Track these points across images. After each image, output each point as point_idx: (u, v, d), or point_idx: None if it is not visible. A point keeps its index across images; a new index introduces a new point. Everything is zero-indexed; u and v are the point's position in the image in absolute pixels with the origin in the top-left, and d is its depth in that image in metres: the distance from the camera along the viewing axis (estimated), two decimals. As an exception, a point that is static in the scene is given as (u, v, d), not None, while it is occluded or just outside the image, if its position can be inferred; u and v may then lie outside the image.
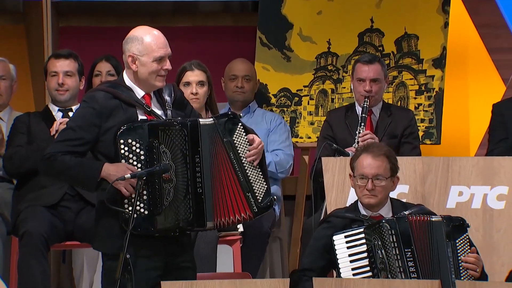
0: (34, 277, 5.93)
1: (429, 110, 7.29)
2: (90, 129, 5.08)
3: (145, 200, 5.05)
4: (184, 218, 5.07)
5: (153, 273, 5.10)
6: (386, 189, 5.43)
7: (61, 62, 6.27)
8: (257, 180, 5.18)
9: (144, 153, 5.06)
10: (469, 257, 5.26)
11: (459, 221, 5.32)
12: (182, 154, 5.07)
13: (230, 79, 7.03)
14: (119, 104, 5.12)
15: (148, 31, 5.18)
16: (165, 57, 5.15)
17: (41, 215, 6.04)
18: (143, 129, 5.05)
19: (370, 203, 5.42)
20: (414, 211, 5.42)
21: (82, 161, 5.08)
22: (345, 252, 5.35)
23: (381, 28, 7.45)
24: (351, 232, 5.35)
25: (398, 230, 5.28)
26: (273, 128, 6.92)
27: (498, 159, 5.85)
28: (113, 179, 4.99)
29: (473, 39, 7.75)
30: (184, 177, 5.07)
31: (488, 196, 5.79)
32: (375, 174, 5.39)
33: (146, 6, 7.96)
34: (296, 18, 7.54)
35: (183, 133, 5.06)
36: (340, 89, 7.44)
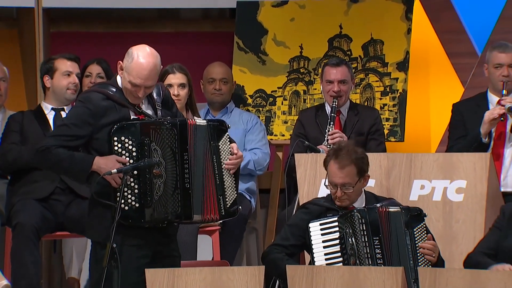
0: (26, 265, 5.91)
1: (393, 110, 7.30)
2: (83, 126, 5.09)
3: (136, 193, 5.05)
4: (173, 211, 5.07)
5: (142, 261, 5.09)
6: (356, 192, 5.42)
7: (73, 64, 6.24)
8: (230, 187, 5.19)
9: (136, 150, 5.06)
10: (426, 244, 5.27)
11: (416, 211, 5.33)
12: (171, 152, 5.07)
13: (208, 81, 7.03)
14: (112, 104, 5.12)
15: (143, 56, 5.14)
16: (141, 87, 5.11)
17: (33, 208, 6.02)
18: (135, 128, 5.06)
19: (342, 206, 5.43)
20: (384, 203, 5.42)
21: (74, 154, 5.08)
22: (319, 238, 5.36)
23: (349, 34, 7.45)
24: (325, 220, 5.37)
25: (368, 220, 5.30)
26: (250, 128, 6.92)
27: (457, 155, 5.85)
28: (104, 171, 4.99)
29: (434, 44, 7.76)
30: (173, 173, 5.07)
31: (448, 189, 5.79)
32: (342, 183, 5.37)
33: (132, 13, 7.94)
34: (270, 24, 7.54)
35: (173, 132, 5.06)
36: (311, 90, 7.44)
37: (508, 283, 4.78)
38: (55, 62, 6.23)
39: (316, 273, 5.06)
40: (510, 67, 6.25)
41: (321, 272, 5.06)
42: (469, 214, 5.72)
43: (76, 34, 7.96)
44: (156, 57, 5.15)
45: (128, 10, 7.92)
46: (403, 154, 5.92)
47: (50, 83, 6.22)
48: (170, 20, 8.11)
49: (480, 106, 6.28)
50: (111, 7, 7.87)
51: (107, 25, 8.00)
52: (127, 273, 5.02)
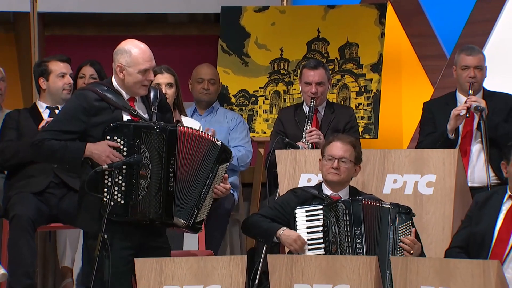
0: (22, 255, 5.89)
1: (367, 109, 7.31)
2: (76, 122, 5.06)
3: (123, 190, 5.03)
4: (154, 211, 5.05)
5: (126, 252, 5.07)
6: (349, 172, 5.49)
7: (66, 65, 6.21)
8: (206, 207, 5.17)
9: (126, 150, 5.04)
10: (406, 239, 5.30)
11: (405, 209, 5.37)
12: (158, 155, 5.05)
13: (197, 81, 7.02)
14: (106, 105, 5.08)
15: (136, 45, 5.15)
16: (149, 69, 5.12)
17: (29, 201, 6.00)
18: (128, 129, 5.04)
19: (333, 180, 5.47)
20: (366, 197, 5.46)
21: (67, 143, 5.05)
22: (304, 224, 5.39)
23: (327, 38, 7.46)
24: (311, 208, 5.40)
25: (352, 211, 5.33)
26: (234, 126, 6.92)
27: (427, 151, 5.86)
28: (96, 157, 4.98)
29: (406, 47, 7.78)
30: (158, 176, 5.05)
31: (418, 183, 5.80)
32: (341, 156, 5.47)
33: (122, 17, 7.93)
34: (252, 28, 7.54)
35: (162, 137, 5.04)
36: (291, 90, 7.44)
37: (475, 271, 4.80)
38: (49, 65, 6.21)
39: (295, 262, 5.07)
40: (476, 69, 6.26)
41: (300, 261, 5.07)
42: (438, 207, 5.73)
43: (69, 37, 7.94)
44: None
45: (119, 15, 7.92)
46: (377, 150, 5.93)
47: (46, 84, 6.20)
48: (158, 24, 8.10)
49: (449, 105, 6.29)
50: (103, 11, 7.85)
51: (99, 28, 7.99)
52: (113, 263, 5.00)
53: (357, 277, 4.99)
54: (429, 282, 4.86)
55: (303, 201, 5.45)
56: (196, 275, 5.06)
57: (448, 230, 5.65)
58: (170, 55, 7.74)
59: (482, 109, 6.13)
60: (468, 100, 6.17)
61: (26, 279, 5.90)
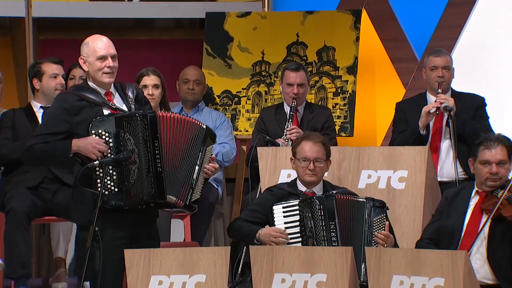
0: (18, 246, 5.88)
1: (344, 109, 7.31)
2: (60, 123, 5.05)
3: (115, 179, 5.01)
4: (147, 192, 5.02)
5: (119, 241, 5.05)
6: (323, 170, 5.49)
7: (59, 66, 6.20)
8: (199, 187, 5.15)
9: (112, 141, 5.02)
10: (380, 234, 5.30)
11: (380, 203, 5.37)
12: (143, 140, 5.02)
13: (183, 82, 7.02)
14: (86, 103, 5.08)
15: (95, 37, 5.20)
16: (107, 56, 5.11)
17: (24, 195, 5.99)
18: (110, 121, 5.02)
19: (312, 181, 5.46)
20: (340, 191, 5.45)
21: (54, 143, 5.04)
22: (281, 219, 5.37)
23: (305, 42, 7.46)
24: (288, 204, 5.38)
25: (326, 206, 5.31)
26: (219, 125, 6.91)
27: (400, 148, 5.87)
28: (83, 150, 4.97)
29: (379, 50, 7.78)
30: (146, 159, 5.02)
31: (391, 178, 5.80)
32: (316, 157, 5.44)
33: (112, 22, 7.91)
34: (235, 33, 7.53)
35: (144, 122, 5.02)
36: (272, 91, 7.44)
37: (444, 261, 4.80)
38: (42, 66, 6.19)
39: (275, 252, 5.06)
40: (444, 69, 6.29)
41: (280, 252, 5.06)
42: (410, 200, 5.73)
43: (62, 41, 7.91)
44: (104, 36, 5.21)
45: (109, 20, 7.90)
46: (352, 147, 5.93)
47: (39, 85, 6.18)
48: (146, 28, 8.08)
49: (419, 105, 6.31)
50: (93, 17, 7.85)
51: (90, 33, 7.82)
52: (106, 252, 4.98)
53: (333, 266, 4.98)
54: (401, 271, 4.86)
55: (280, 199, 5.44)
56: (182, 265, 5.05)
57: (419, 222, 5.65)
58: (157, 58, 7.73)
59: (451, 108, 6.15)
60: (438, 98, 6.19)
61: (22, 269, 5.88)
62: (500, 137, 5.26)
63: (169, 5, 7.92)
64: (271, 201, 5.43)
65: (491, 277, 5.14)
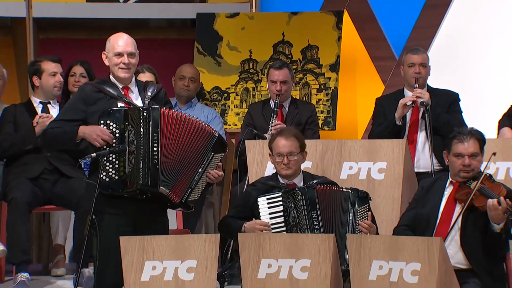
0: (19, 233, 5.85)
1: (327, 104, 7.31)
2: (77, 111, 5.13)
3: (116, 167, 5.02)
4: (142, 182, 5.01)
5: (121, 228, 5.05)
6: (298, 162, 5.46)
7: (57, 65, 6.18)
8: (199, 189, 5.15)
9: (118, 132, 5.05)
10: (364, 223, 5.30)
11: (364, 193, 5.37)
12: (143, 132, 5.02)
13: (179, 78, 7.00)
14: (103, 96, 5.13)
15: (117, 35, 5.26)
16: (123, 53, 5.16)
17: (25, 185, 5.97)
18: (119, 114, 5.07)
19: (287, 174, 5.45)
20: (319, 180, 5.44)
21: (65, 128, 5.12)
22: (266, 211, 5.36)
23: (290, 41, 7.45)
24: (271, 196, 5.37)
25: (308, 196, 5.31)
26: (210, 120, 6.90)
27: (379, 141, 5.87)
28: (88, 136, 5.03)
29: (360, 49, 7.79)
30: (144, 150, 5.02)
31: (371, 169, 5.81)
32: (288, 151, 5.42)
33: (108, 22, 7.89)
34: (225, 32, 7.52)
35: (146, 116, 5.02)
36: (259, 87, 7.43)
37: (420, 247, 4.81)
38: (42, 64, 6.17)
39: (262, 240, 5.06)
40: (421, 66, 6.29)
41: (267, 239, 5.06)
42: (388, 190, 5.74)
43: (61, 40, 7.90)
44: (127, 34, 5.24)
45: (106, 20, 7.89)
46: (335, 140, 5.93)
47: (39, 82, 6.16)
48: (141, 28, 8.06)
49: (397, 101, 6.31)
50: (91, 17, 7.83)
51: (88, 32, 7.94)
52: (106, 239, 4.98)
53: (317, 252, 4.98)
54: (380, 256, 4.86)
55: (264, 192, 5.42)
56: (174, 251, 5.04)
57: (397, 211, 5.66)
58: (151, 56, 7.70)
59: (427, 104, 6.16)
60: (414, 92, 6.21)
61: (23, 255, 5.86)
62: (472, 131, 5.27)
63: (162, 6, 7.91)
64: (255, 195, 5.41)
65: (465, 262, 5.15)
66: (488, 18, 7.40)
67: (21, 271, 5.84)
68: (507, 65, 7.25)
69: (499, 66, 7.32)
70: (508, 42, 7.32)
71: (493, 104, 6.87)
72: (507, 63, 7.27)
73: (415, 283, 4.79)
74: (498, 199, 4.99)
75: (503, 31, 7.35)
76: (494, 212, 5.00)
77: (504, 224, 5.04)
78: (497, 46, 7.36)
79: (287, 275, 5.00)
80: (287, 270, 5.00)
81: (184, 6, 7.90)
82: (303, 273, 4.99)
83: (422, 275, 4.79)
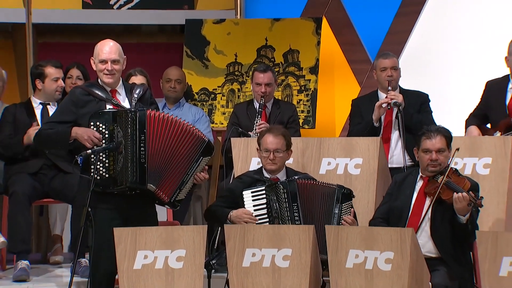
0: (19, 224, 5.84)
1: (307, 104, 7.31)
2: (68, 113, 5.12)
3: (107, 166, 5.01)
4: (130, 180, 5.02)
5: (113, 222, 5.04)
6: (283, 159, 5.47)
7: (59, 70, 6.16)
8: (186, 189, 5.15)
9: (108, 133, 5.04)
10: (347, 218, 5.31)
11: (348, 190, 5.37)
12: (131, 133, 5.02)
13: (166, 81, 6.98)
14: (92, 98, 5.12)
15: (103, 42, 5.24)
16: (107, 60, 5.13)
17: (25, 180, 5.94)
18: (108, 115, 5.05)
19: (272, 169, 5.45)
20: (301, 176, 5.45)
21: (58, 130, 5.11)
22: (251, 203, 5.36)
23: (273, 45, 7.45)
24: (255, 189, 5.38)
25: (289, 190, 5.31)
26: (198, 119, 6.89)
27: (355, 139, 5.88)
28: (79, 137, 5.03)
29: (337, 53, 7.80)
30: (132, 150, 5.02)
31: (348, 165, 5.81)
32: (275, 148, 5.42)
33: (103, 27, 7.87)
34: (212, 37, 7.51)
35: (133, 118, 5.01)
36: (244, 88, 7.42)
37: (393, 237, 4.83)
38: (45, 69, 6.14)
39: (247, 230, 5.07)
40: (392, 69, 6.31)
41: (251, 230, 5.07)
42: (364, 184, 5.75)
43: (59, 44, 7.88)
44: (114, 41, 5.21)
45: (100, 25, 7.87)
46: (314, 138, 5.93)
47: (42, 86, 6.13)
48: (133, 33, 8.05)
49: (372, 101, 6.32)
50: (86, 23, 7.82)
51: (84, 37, 7.92)
52: (100, 232, 4.97)
53: (297, 242, 4.99)
54: (357, 246, 4.88)
55: (248, 185, 5.43)
56: (165, 242, 5.04)
57: (372, 204, 5.67)
58: (143, 60, 7.69)
59: (400, 104, 6.17)
60: (388, 94, 6.22)
61: (23, 245, 5.85)
62: (439, 129, 5.29)
63: (154, 13, 7.91)
64: (240, 188, 5.42)
65: (434, 251, 5.17)
66: (456, 25, 7.43)
67: (21, 259, 5.82)
68: (474, 68, 7.28)
69: (466, 69, 7.35)
70: (474, 47, 7.35)
71: (460, 104, 6.89)
72: (473, 66, 7.30)
73: (389, 270, 4.81)
74: (462, 193, 5.01)
75: (469, 37, 7.39)
76: (459, 205, 5.03)
77: (470, 216, 5.06)
78: (464, 50, 7.39)
79: (270, 263, 5.01)
80: (270, 258, 5.00)
81: (173, 12, 7.90)
82: (284, 261, 5.00)
83: (395, 263, 4.80)
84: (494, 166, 5.62)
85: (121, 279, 5.01)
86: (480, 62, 7.22)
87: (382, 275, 4.80)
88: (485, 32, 7.30)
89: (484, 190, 5.36)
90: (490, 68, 6.70)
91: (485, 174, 5.62)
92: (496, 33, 7.17)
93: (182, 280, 5.00)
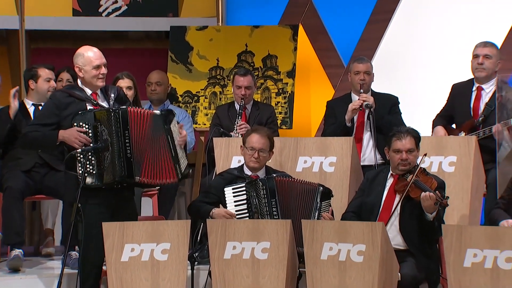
0: (13, 219, 5.81)
1: (284, 106, 7.32)
2: (50, 116, 5.09)
3: (93, 164, 5.01)
4: (119, 174, 5.03)
5: (101, 216, 5.03)
6: (266, 159, 5.48)
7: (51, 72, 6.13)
8: (182, 157, 5.15)
9: (91, 132, 5.02)
10: (326, 215, 5.32)
11: (328, 189, 5.38)
12: (115, 131, 5.02)
13: (147, 84, 6.96)
14: (73, 100, 5.06)
15: (88, 48, 5.23)
16: (101, 65, 5.11)
17: (19, 176, 5.91)
18: (90, 115, 5.04)
19: (255, 167, 5.46)
20: (279, 174, 5.46)
21: (44, 133, 5.08)
22: (232, 199, 5.36)
23: (253, 50, 7.45)
24: (236, 186, 5.38)
25: (268, 186, 5.32)
26: (181, 119, 6.85)
27: (330, 139, 5.89)
28: (67, 140, 5.00)
29: (313, 58, 7.81)
30: (118, 146, 5.03)
31: (323, 163, 5.83)
32: (261, 148, 5.43)
33: (92, 34, 7.84)
34: (195, 43, 7.50)
35: (116, 116, 5.02)
36: (225, 91, 7.42)
37: (365, 230, 4.84)
38: (38, 70, 6.12)
39: (228, 225, 5.07)
40: (365, 73, 6.32)
41: (232, 224, 5.07)
42: (338, 181, 5.76)
43: (50, 49, 7.85)
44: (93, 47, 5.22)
45: (90, 31, 7.85)
46: (292, 138, 5.94)
47: (35, 86, 6.10)
48: (120, 39, 8.03)
49: (346, 103, 6.33)
50: (77, 29, 7.79)
51: (74, 42, 7.87)
52: (89, 226, 4.95)
53: (275, 235, 5.00)
54: (331, 239, 4.89)
55: (230, 181, 5.43)
56: (151, 235, 5.03)
57: (345, 199, 5.68)
58: (130, 64, 7.67)
59: (371, 106, 6.19)
60: (360, 97, 6.23)
61: (17, 237, 5.82)
62: (409, 130, 5.32)
63: (140, 20, 7.90)
64: (222, 184, 5.42)
65: (403, 244, 5.20)
66: (423, 32, 7.47)
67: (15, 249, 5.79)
68: (440, 72, 7.32)
69: (433, 73, 7.39)
70: (440, 52, 7.39)
71: (428, 106, 6.92)
72: (440, 70, 7.34)
73: (361, 261, 4.83)
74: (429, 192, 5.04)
75: (436, 43, 7.43)
76: (426, 203, 5.05)
77: (436, 213, 5.09)
78: (431, 56, 7.42)
79: (249, 255, 5.01)
80: (250, 251, 5.01)
81: (159, 20, 7.90)
82: (263, 254, 5.00)
83: (366, 255, 4.82)
84: (459, 164, 5.65)
85: (109, 270, 5.00)
86: (446, 66, 7.26)
87: (354, 266, 4.82)
88: (450, 39, 7.34)
89: (450, 186, 5.39)
90: (456, 72, 6.74)
91: (450, 172, 5.65)
92: (461, 40, 7.21)
93: (167, 272, 4.99)
